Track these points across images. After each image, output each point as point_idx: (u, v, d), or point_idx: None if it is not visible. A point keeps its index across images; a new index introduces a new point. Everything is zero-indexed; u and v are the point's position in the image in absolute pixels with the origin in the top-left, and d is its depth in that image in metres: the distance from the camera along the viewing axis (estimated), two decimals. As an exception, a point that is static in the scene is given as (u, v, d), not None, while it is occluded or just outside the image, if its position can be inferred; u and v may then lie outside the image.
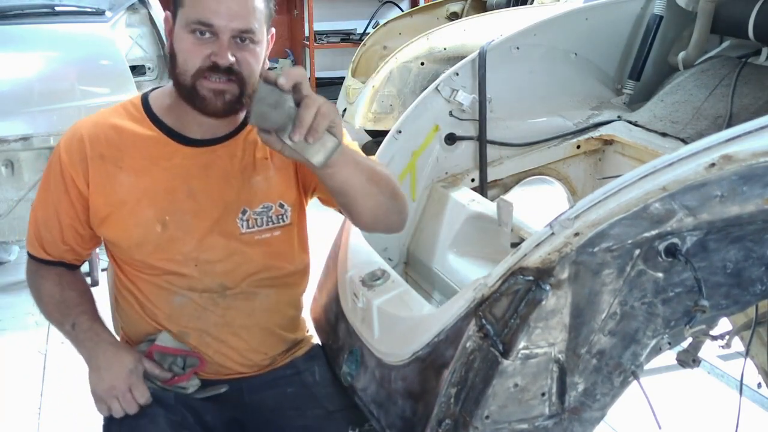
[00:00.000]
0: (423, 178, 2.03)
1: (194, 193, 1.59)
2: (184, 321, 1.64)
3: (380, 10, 7.49)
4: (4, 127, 3.26)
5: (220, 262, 1.62)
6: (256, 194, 1.62)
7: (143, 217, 1.58)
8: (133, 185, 1.58)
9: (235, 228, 1.61)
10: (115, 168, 1.59)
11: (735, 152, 1.22)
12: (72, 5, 3.66)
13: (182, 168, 1.59)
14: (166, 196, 1.59)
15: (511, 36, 2.11)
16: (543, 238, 1.23)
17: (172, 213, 1.59)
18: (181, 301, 1.63)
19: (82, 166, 1.59)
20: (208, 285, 1.62)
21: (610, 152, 2.17)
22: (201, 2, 1.46)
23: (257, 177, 1.62)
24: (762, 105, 1.89)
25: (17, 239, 3.63)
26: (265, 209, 1.63)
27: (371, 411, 1.51)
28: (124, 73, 3.42)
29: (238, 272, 1.63)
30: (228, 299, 1.64)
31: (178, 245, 1.60)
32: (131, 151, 1.59)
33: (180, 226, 1.59)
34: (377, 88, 4.66)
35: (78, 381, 2.95)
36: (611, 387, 1.29)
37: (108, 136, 1.60)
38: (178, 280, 1.61)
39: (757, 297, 1.32)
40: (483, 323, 1.26)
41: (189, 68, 1.49)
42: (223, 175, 1.60)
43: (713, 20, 2.11)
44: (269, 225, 1.64)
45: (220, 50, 1.46)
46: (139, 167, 1.59)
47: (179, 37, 1.50)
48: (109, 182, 1.59)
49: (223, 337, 1.66)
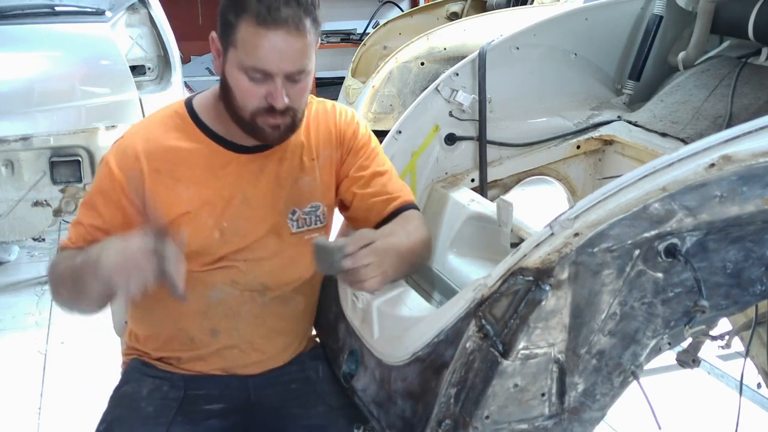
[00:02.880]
0: (423, 178, 2.03)
1: (248, 199, 1.62)
2: (218, 317, 1.65)
3: (380, 10, 7.49)
4: (4, 127, 3.26)
5: (268, 261, 1.65)
6: (303, 195, 1.67)
7: (203, 226, 1.60)
8: (191, 196, 1.60)
9: (286, 228, 1.65)
10: (171, 180, 1.59)
11: (735, 152, 1.22)
12: (72, 5, 3.66)
13: (236, 176, 1.62)
14: (223, 204, 1.61)
15: (511, 36, 2.11)
16: (543, 238, 1.23)
17: (229, 220, 1.61)
18: (219, 297, 1.64)
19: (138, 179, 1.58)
20: (250, 282, 1.64)
21: (610, 152, 2.17)
22: (255, 49, 1.47)
23: (306, 178, 1.67)
24: (762, 105, 1.89)
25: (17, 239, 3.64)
26: (313, 209, 1.68)
27: (371, 411, 1.51)
28: (124, 73, 3.42)
29: (284, 274, 1.67)
30: (266, 299, 1.67)
31: (233, 248, 1.62)
32: (187, 163, 1.60)
33: (237, 232, 1.62)
34: (377, 88, 4.66)
35: (78, 381, 2.97)
36: (611, 387, 1.29)
37: (162, 150, 1.60)
38: (222, 274, 1.63)
39: (756, 297, 1.32)
40: (483, 323, 1.26)
41: (247, 107, 1.53)
42: (274, 179, 1.64)
43: (713, 20, 2.11)
44: (317, 225, 1.69)
45: (275, 93, 1.50)
46: (196, 178, 1.60)
47: (233, 75, 1.52)
48: (167, 195, 1.59)
49: (252, 338, 1.68)
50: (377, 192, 1.69)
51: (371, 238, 1.49)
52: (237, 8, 1.47)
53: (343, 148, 1.70)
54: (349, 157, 1.71)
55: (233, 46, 1.50)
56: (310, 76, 1.54)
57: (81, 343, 3.19)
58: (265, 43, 1.46)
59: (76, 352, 3.13)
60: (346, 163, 1.71)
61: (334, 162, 1.70)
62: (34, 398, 2.91)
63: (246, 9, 1.46)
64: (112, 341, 1.91)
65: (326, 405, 1.68)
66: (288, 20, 1.45)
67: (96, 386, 1.87)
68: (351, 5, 7.55)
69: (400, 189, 1.72)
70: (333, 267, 1.47)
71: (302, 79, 1.52)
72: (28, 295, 3.64)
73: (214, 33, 1.56)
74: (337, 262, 1.46)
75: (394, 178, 1.74)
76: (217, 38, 1.55)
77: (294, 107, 1.54)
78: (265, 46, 1.46)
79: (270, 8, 1.45)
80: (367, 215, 1.70)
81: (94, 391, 1.84)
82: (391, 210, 1.68)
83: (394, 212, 1.68)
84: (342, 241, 1.48)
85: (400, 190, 1.72)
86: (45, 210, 3.39)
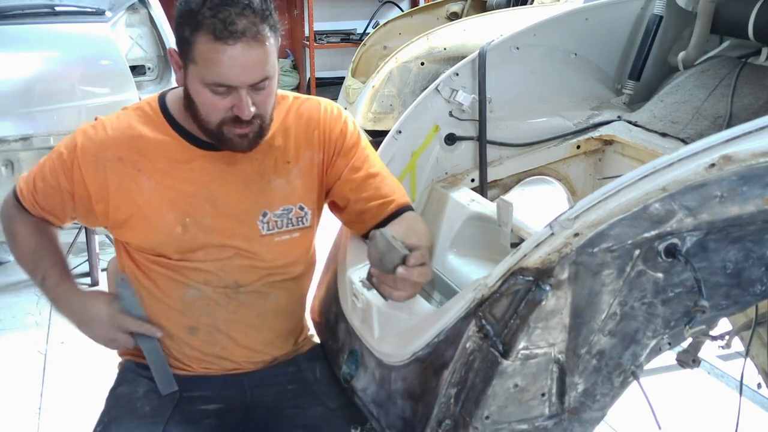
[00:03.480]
0: (423, 178, 2.03)
1: (214, 197, 1.61)
2: (196, 315, 1.66)
3: (380, 10, 7.49)
4: (4, 127, 3.26)
5: (238, 261, 1.64)
6: (276, 197, 1.64)
7: (164, 220, 1.60)
8: (153, 189, 1.59)
9: (255, 229, 1.63)
10: (134, 171, 1.59)
11: (735, 152, 1.22)
12: (72, 5, 3.66)
13: (201, 172, 1.61)
14: (185, 199, 1.60)
15: (511, 36, 2.11)
16: (543, 238, 1.23)
17: (192, 215, 1.61)
18: (194, 295, 1.64)
19: (97, 167, 1.60)
20: (223, 280, 1.64)
21: (610, 152, 2.16)
22: (216, 65, 1.44)
23: (279, 180, 1.64)
24: (762, 105, 1.89)
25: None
26: (285, 212, 1.66)
27: (371, 411, 1.51)
28: (124, 73, 3.42)
29: (254, 271, 1.65)
30: (241, 296, 1.66)
31: (199, 245, 1.62)
32: (151, 156, 1.60)
33: (200, 228, 1.61)
34: (377, 88, 4.66)
35: (78, 381, 2.97)
36: (611, 387, 1.29)
37: (127, 140, 1.61)
38: (195, 274, 1.63)
39: (757, 297, 1.32)
40: (483, 323, 1.26)
41: (212, 120, 1.52)
42: (242, 179, 1.62)
43: (713, 20, 2.11)
44: (289, 227, 1.66)
45: (240, 105, 1.48)
46: (159, 171, 1.60)
47: (195, 90, 1.50)
48: (129, 185, 1.59)
49: (232, 334, 1.67)
50: (371, 196, 1.68)
51: (427, 259, 1.50)
52: (192, 24, 1.45)
53: (330, 149, 1.68)
54: (338, 158, 1.68)
55: (192, 61, 1.47)
56: (275, 79, 1.52)
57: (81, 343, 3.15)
58: (224, 58, 1.43)
59: (76, 352, 3.13)
60: (335, 165, 1.68)
61: (317, 163, 1.67)
62: (34, 398, 2.91)
63: (201, 25, 1.43)
64: (112, 341, 1.91)
65: (323, 406, 1.68)
66: (245, 32, 1.42)
67: (96, 386, 1.87)
68: (351, 5, 7.56)
69: (393, 190, 1.70)
70: (384, 265, 1.46)
71: (267, 85, 1.50)
72: (28, 295, 3.64)
73: (173, 46, 1.54)
74: (392, 264, 1.44)
75: (387, 178, 1.72)
76: (176, 53, 1.53)
77: (261, 113, 1.52)
78: (225, 61, 1.43)
79: (225, 22, 1.41)
80: (361, 219, 1.70)
81: (94, 391, 1.84)
82: (387, 214, 1.67)
83: (390, 216, 1.67)
84: (404, 247, 1.46)
85: (394, 191, 1.70)
86: (45, 210, 3.38)
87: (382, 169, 1.73)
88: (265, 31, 1.45)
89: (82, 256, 3.87)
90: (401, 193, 1.72)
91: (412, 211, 1.71)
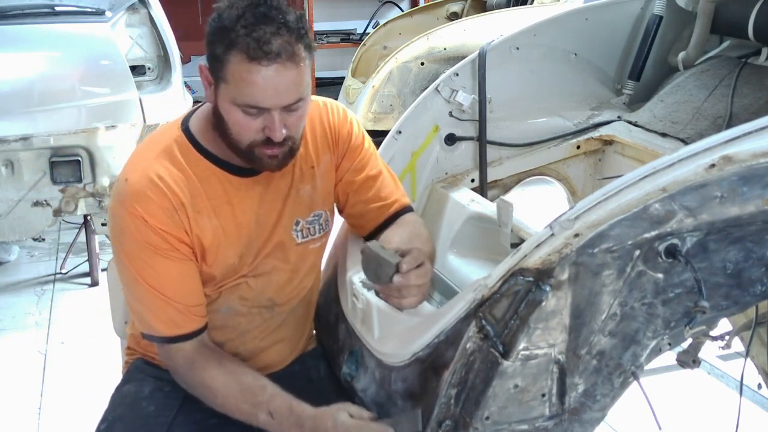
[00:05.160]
0: (423, 178, 2.03)
1: (259, 220, 1.60)
2: (226, 333, 1.64)
3: (380, 10, 7.49)
4: (4, 127, 3.25)
5: (275, 275, 1.63)
6: (305, 204, 1.64)
7: (225, 255, 1.57)
8: (213, 226, 1.54)
9: (291, 240, 1.63)
10: (193, 212, 1.52)
11: (735, 153, 1.22)
12: (72, 5, 3.65)
13: (248, 199, 1.58)
14: (239, 230, 1.58)
15: (511, 36, 2.11)
16: (543, 238, 1.23)
17: (246, 245, 1.59)
18: (227, 313, 1.63)
19: (174, 216, 1.50)
20: (258, 298, 1.63)
21: (610, 152, 2.16)
22: (249, 86, 1.39)
23: (306, 186, 1.63)
24: (762, 105, 1.89)
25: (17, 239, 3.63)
26: (316, 217, 1.66)
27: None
28: (124, 73, 3.42)
29: (290, 286, 1.66)
30: (275, 315, 1.67)
31: (247, 270, 1.61)
32: (203, 194, 1.53)
33: (251, 254, 1.60)
34: (377, 88, 4.66)
35: (78, 381, 2.97)
36: (611, 388, 1.29)
37: (177, 185, 1.51)
38: (231, 291, 1.62)
39: (757, 297, 1.32)
40: (483, 324, 1.26)
41: (243, 140, 1.47)
42: (279, 196, 1.61)
43: (713, 20, 2.11)
44: (320, 233, 1.67)
45: (272, 126, 1.43)
46: (214, 207, 1.54)
47: (226, 109, 1.45)
48: (193, 229, 1.53)
49: (257, 351, 1.69)
50: (371, 198, 1.67)
51: (422, 258, 1.48)
52: (225, 42, 1.39)
53: (339, 150, 1.67)
54: (344, 160, 1.68)
55: (224, 80, 1.42)
56: (308, 100, 1.48)
57: (81, 343, 3.19)
58: (258, 79, 1.38)
59: (76, 352, 3.13)
60: (341, 166, 1.68)
61: (332, 165, 1.68)
62: (34, 398, 2.90)
63: (234, 44, 1.37)
64: (112, 341, 1.91)
65: (328, 404, 1.68)
66: (281, 53, 1.37)
67: (96, 386, 1.87)
68: (351, 5, 7.55)
69: (393, 192, 1.70)
70: (380, 278, 1.46)
71: (300, 107, 1.45)
72: (28, 295, 3.64)
73: (203, 61, 1.47)
74: (387, 275, 1.44)
75: (387, 179, 1.71)
76: (206, 69, 1.47)
77: (292, 135, 1.48)
78: (258, 82, 1.38)
79: (260, 41, 1.36)
80: (361, 221, 1.70)
81: (94, 391, 1.84)
82: (387, 216, 1.67)
83: (390, 218, 1.67)
84: (395, 255, 1.46)
85: (394, 193, 1.70)
86: (45, 210, 3.39)
87: (384, 170, 1.72)
88: (300, 52, 1.40)
89: (82, 256, 3.87)
90: (401, 194, 1.72)
91: (411, 212, 1.71)
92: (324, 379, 1.73)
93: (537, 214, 1.79)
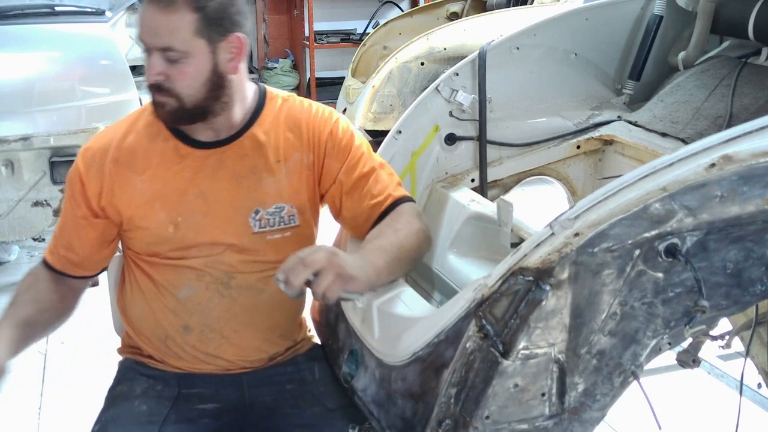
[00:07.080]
0: (423, 178, 2.03)
1: (205, 194, 1.62)
2: (188, 315, 1.66)
3: (380, 10, 7.49)
4: (4, 127, 3.26)
5: (229, 256, 1.64)
6: (268, 195, 1.65)
7: (156, 219, 1.62)
8: (146, 188, 1.62)
9: (247, 227, 1.64)
10: (129, 172, 1.63)
11: (735, 152, 1.22)
12: (72, 5, 3.66)
13: (192, 170, 1.63)
14: (177, 198, 1.62)
15: (511, 36, 2.11)
16: (543, 238, 1.23)
17: (183, 214, 1.62)
18: (187, 294, 1.65)
19: (100, 171, 1.63)
20: (214, 274, 1.65)
21: (610, 152, 2.17)
22: (137, 23, 1.57)
23: (270, 178, 1.65)
24: (762, 105, 1.89)
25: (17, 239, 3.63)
26: (278, 210, 1.66)
27: (371, 411, 1.51)
28: (124, 73, 3.42)
29: (246, 265, 1.66)
30: (233, 291, 1.66)
31: (191, 243, 1.63)
32: (145, 156, 1.63)
33: (191, 227, 1.63)
34: (377, 88, 4.66)
35: (78, 381, 2.97)
36: (611, 387, 1.29)
37: (125, 143, 1.64)
38: (187, 272, 1.64)
39: (757, 297, 1.32)
40: (483, 323, 1.26)
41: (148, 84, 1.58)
42: (233, 176, 1.63)
43: (713, 20, 2.11)
44: (281, 226, 1.66)
45: (147, 69, 1.55)
46: (152, 171, 1.63)
47: None
48: (124, 187, 1.63)
49: (224, 332, 1.67)
50: (363, 197, 1.65)
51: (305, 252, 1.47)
52: None
53: (320, 150, 1.66)
54: (329, 160, 1.66)
55: None
56: (193, 61, 1.53)
57: (81, 343, 3.19)
58: (141, 15, 1.54)
59: (76, 352, 3.13)
60: (328, 167, 1.67)
61: (306, 165, 1.66)
62: (34, 398, 2.90)
63: None
64: (112, 341, 1.90)
65: (322, 406, 1.68)
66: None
67: (96, 386, 1.87)
68: (351, 5, 7.55)
69: (386, 188, 1.66)
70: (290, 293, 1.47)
71: (180, 60, 1.51)
72: (28, 295, 3.63)
73: None
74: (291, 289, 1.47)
75: (381, 175, 1.68)
76: None
77: (172, 88, 1.54)
78: (141, 18, 1.54)
79: None
80: (356, 223, 1.68)
81: (94, 391, 1.84)
82: (379, 213, 1.65)
83: (384, 214, 1.65)
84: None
85: (386, 189, 1.66)
86: (45, 210, 3.39)
87: (377, 166, 1.69)
88: (181, 3, 1.50)
89: (82, 256, 3.86)
90: (395, 188, 1.68)
91: (407, 203, 1.67)
92: (318, 381, 1.72)
93: (537, 214, 1.79)
